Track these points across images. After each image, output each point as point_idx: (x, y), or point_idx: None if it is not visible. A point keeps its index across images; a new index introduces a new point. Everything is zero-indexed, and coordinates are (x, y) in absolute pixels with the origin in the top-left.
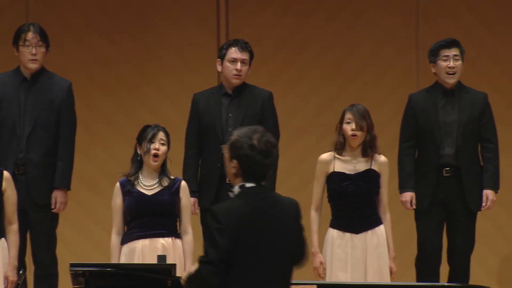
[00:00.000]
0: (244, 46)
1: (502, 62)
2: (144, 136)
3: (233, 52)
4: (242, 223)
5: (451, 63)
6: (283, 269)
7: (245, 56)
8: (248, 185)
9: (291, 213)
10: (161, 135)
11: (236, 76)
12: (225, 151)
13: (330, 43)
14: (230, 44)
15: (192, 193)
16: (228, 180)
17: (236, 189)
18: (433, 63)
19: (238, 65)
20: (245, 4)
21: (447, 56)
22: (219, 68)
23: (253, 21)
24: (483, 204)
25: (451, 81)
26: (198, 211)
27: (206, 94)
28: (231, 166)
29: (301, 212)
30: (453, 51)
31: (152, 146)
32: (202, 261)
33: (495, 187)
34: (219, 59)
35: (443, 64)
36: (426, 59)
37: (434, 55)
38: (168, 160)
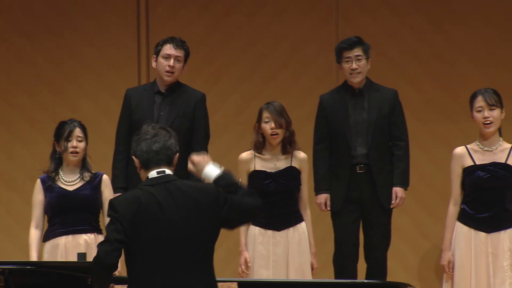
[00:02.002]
0: (179, 43)
1: (421, 60)
2: (61, 133)
3: (168, 49)
4: (139, 212)
5: (354, 65)
6: (191, 257)
7: (179, 53)
8: (151, 175)
9: (199, 200)
10: (77, 131)
11: (168, 74)
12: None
13: (250, 41)
14: (166, 41)
15: (121, 189)
16: None
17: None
18: (338, 64)
19: (171, 62)
20: (165, 2)
21: (349, 57)
22: (153, 65)
23: (173, 18)
24: (393, 202)
25: (355, 80)
26: None
27: (139, 90)
28: (135, 164)
29: (215, 199)
30: (355, 52)
31: (70, 144)
32: (100, 243)
33: (405, 184)
34: (154, 56)
35: (346, 66)
36: None
37: (337, 56)
38: (88, 157)
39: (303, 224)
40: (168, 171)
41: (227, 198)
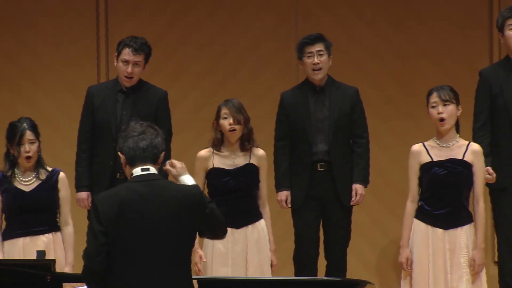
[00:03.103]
0: (138, 47)
1: (380, 57)
2: (12, 138)
3: (126, 54)
4: (120, 209)
5: (315, 59)
6: (170, 255)
7: (138, 58)
8: (135, 172)
9: (181, 201)
10: (28, 134)
11: (126, 79)
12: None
13: (209, 38)
14: (126, 44)
15: (85, 188)
16: (119, 175)
17: None
18: (300, 60)
19: (129, 68)
20: None
21: (311, 52)
22: (115, 63)
23: (133, 16)
24: (353, 199)
25: (317, 77)
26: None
27: (101, 88)
28: (121, 160)
29: (198, 201)
30: (317, 47)
31: (23, 149)
32: (84, 251)
33: (365, 182)
34: (116, 54)
35: (308, 61)
36: None
37: (299, 52)
38: (43, 157)
39: (262, 221)
40: (153, 169)
41: (208, 204)
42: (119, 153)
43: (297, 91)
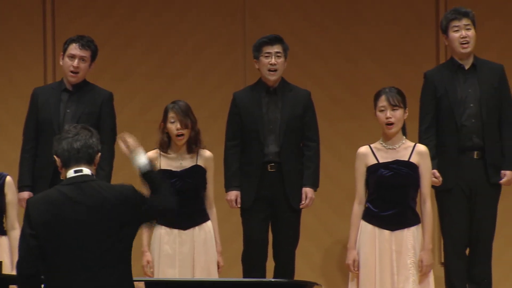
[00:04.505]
0: (85, 43)
1: (327, 59)
2: None
3: (73, 48)
4: (49, 212)
5: (273, 60)
6: (103, 257)
7: (84, 53)
8: (68, 174)
9: (112, 202)
10: None
11: (72, 74)
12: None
13: (156, 39)
14: (73, 40)
15: (27, 188)
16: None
17: None
18: (256, 59)
19: (75, 62)
20: (71, 1)
21: (269, 53)
22: (61, 62)
23: (80, 18)
24: (302, 202)
25: (272, 78)
26: None
27: (46, 88)
28: (57, 163)
29: (131, 201)
30: (275, 48)
31: None
32: (17, 261)
33: (315, 185)
34: (62, 53)
35: (265, 61)
36: (252, 55)
37: (257, 51)
38: None
39: (209, 222)
40: (86, 171)
41: (146, 199)
42: (54, 156)
43: (249, 92)
